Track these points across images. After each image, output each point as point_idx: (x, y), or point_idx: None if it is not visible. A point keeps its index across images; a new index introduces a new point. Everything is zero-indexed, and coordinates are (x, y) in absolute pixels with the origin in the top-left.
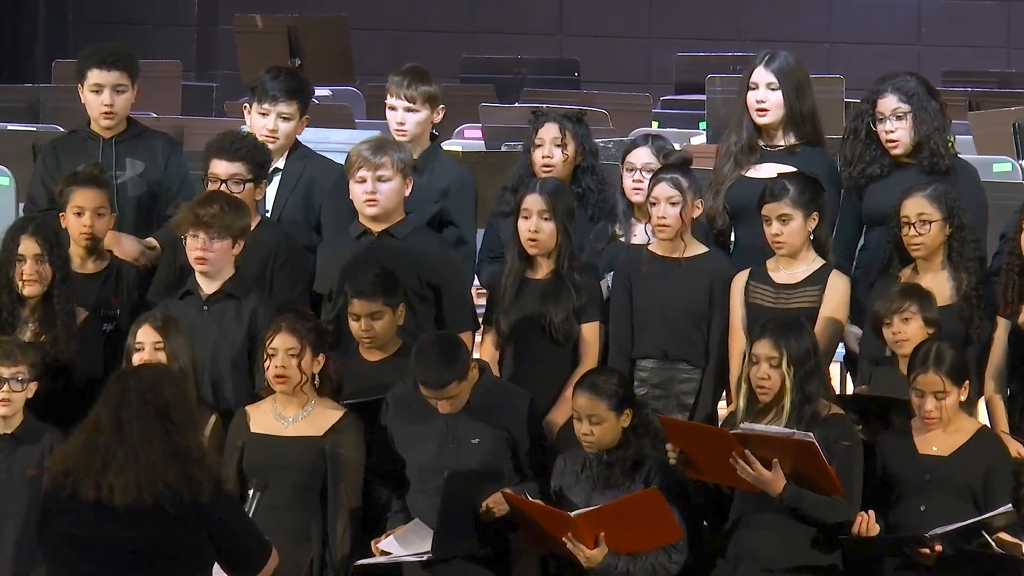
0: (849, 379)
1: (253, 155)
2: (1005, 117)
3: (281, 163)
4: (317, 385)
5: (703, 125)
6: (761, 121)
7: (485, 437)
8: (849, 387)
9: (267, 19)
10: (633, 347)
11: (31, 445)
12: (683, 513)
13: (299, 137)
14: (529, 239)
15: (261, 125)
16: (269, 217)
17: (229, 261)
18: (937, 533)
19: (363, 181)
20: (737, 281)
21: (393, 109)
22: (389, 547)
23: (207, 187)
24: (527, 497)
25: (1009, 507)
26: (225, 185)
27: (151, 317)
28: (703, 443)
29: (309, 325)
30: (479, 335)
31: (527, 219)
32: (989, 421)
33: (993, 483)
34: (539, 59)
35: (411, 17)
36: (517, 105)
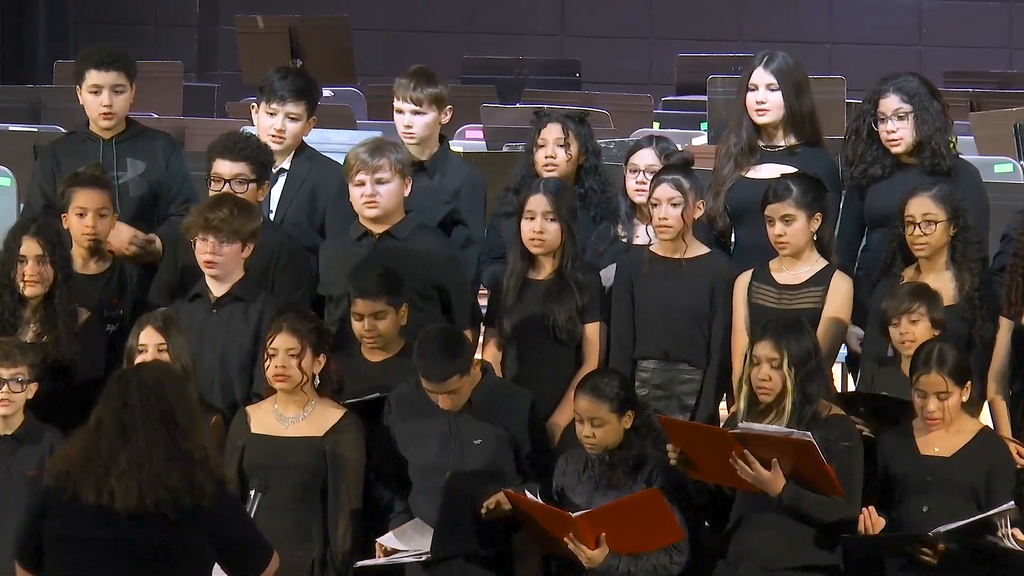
0: (851, 380)
1: (257, 155)
2: (1006, 118)
3: (287, 164)
4: (317, 385)
5: (704, 126)
6: (761, 121)
7: (487, 437)
8: (851, 388)
9: (268, 20)
10: (634, 348)
11: (31, 446)
12: (684, 514)
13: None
14: (534, 240)
15: (268, 125)
16: (272, 218)
17: (239, 264)
18: (940, 531)
19: (362, 184)
20: (740, 282)
21: (400, 112)
22: (388, 542)
23: (210, 187)
24: (529, 497)
25: (1011, 504)
26: (229, 185)
27: (152, 318)
28: (703, 443)
29: (310, 326)
30: (481, 336)
31: (531, 220)
32: (992, 423)
33: (995, 484)
34: (540, 60)
35: (412, 18)
36: (518, 106)
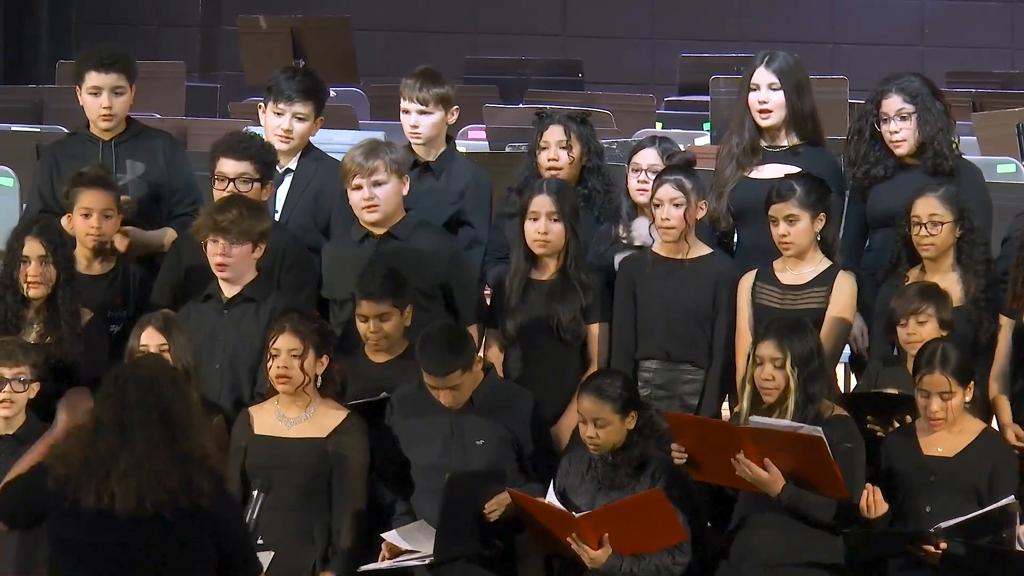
0: (853, 380)
1: (260, 155)
2: (1009, 118)
3: (293, 164)
4: (320, 386)
5: (707, 126)
6: (764, 123)
7: (489, 438)
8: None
9: (271, 20)
10: (637, 348)
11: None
12: (687, 514)
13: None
14: (538, 240)
15: (276, 125)
16: (278, 219)
17: (250, 265)
18: (941, 528)
19: (359, 188)
20: (744, 282)
21: (407, 112)
22: (392, 538)
23: (214, 186)
24: (536, 497)
25: (1012, 499)
26: (233, 184)
27: (153, 318)
28: (708, 440)
29: (313, 326)
30: (484, 335)
31: (535, 220)
32: (996, 420)
33: (998, 484)
34: (543, 60)
35: (414, 18)
36: (521, 106)
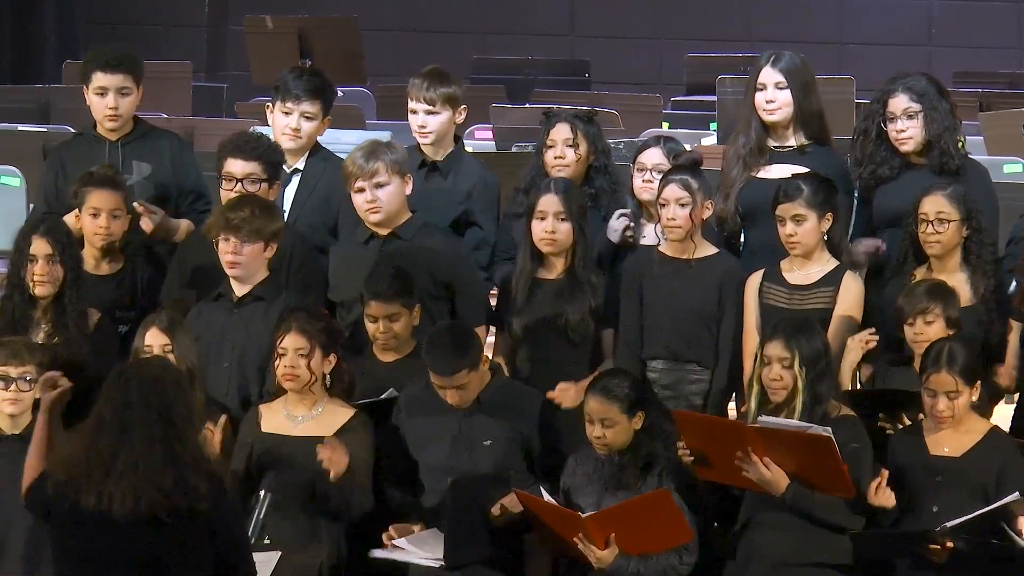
0: (860, 379)
1: (268, 155)
2: (1015, 118)
3: (301, 164)
4: (328, 385)
5: (713, 126)
6: (771, 120)
7: (497, 438)
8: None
9: (277, 20)
10: (643, 348)
11: None
12: (693, 514)
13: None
14: (545, 240)
15: (284, 124)
16: (286, 219)
17: (261, 264)
18: (947, 526)
19: (361, 191)
20: (751, 282)
21: (414, 112)
22: (402, 546)
23: (221, 186)
24: (543, 497)
25: (1016, 495)
26: (240, 184)
27: (158, 319)
28: (715, 438)
29: (320, 325)
30: (491, 335)
31: (543, 220)
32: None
33: (1005, 483)
34: (549, 60)
35: (421, 18)
36: (528, 106)
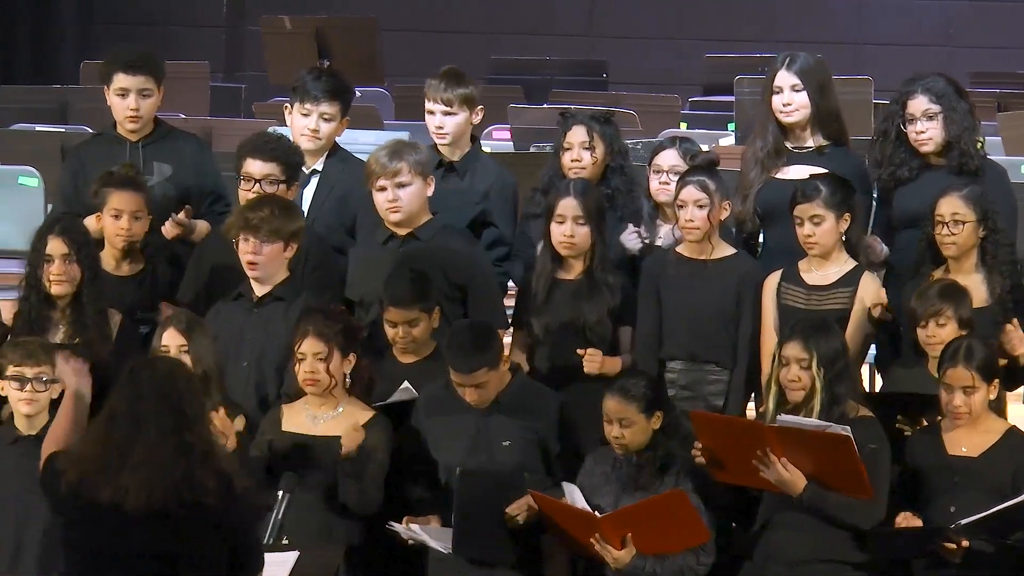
0: (879, 380)
1: (287, 156)
2: None
3: (319, 165)
4: (348, 385)
5: (731, 126)
6: (788, 122)
7: (516, 439)
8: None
9: (295, 20)
10: (661, 349)
11: None
12: (711, 514)
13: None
14: (564, 243)
15: (303, 125)
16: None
17: (281, 265)
18: (961, 524)
19: (383, 189)
20: (769, 282)
21: (431, 113)
22: (419, 532)
23: (240, 187)
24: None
25: None
26: (259, 185)
27: (175, 319)
28: (732, 439)
29: (337, 327)
30: (508, 336)
31: (561, 223)
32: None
33: (1023, 483)
34: (567, 60)
35: (439, 18)
36: (546, 106)
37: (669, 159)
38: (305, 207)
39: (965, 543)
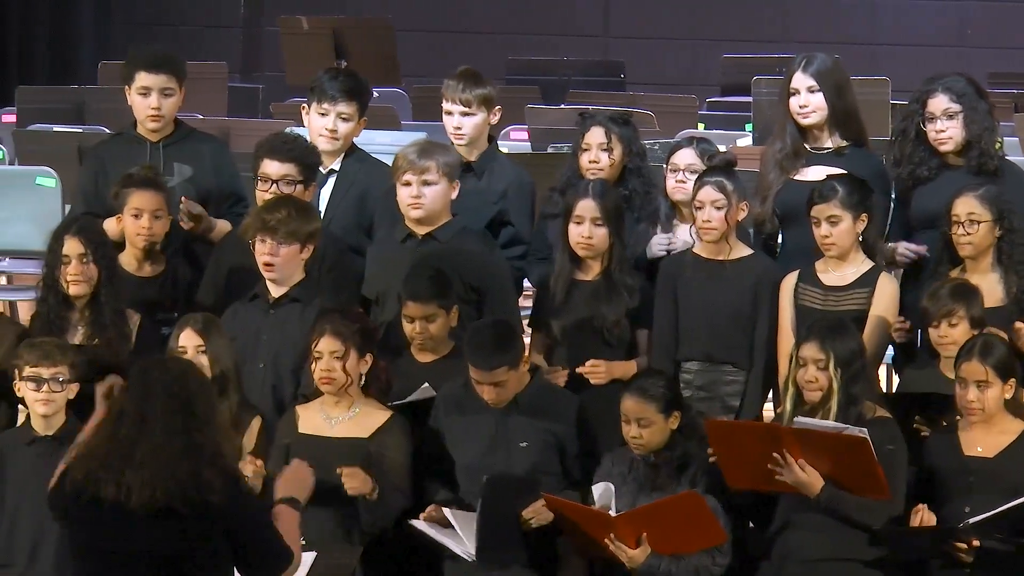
0: (896, 381)
1: (304, 157)
2: None
3: (337, 165)
4: (364, 385)
5: (749, 127)
6: (806, 123)
7: (533, 440)
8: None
9: (313, 21)
10: (678, 349)
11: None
12: (728, 515)
13: None
14: (582, 244)
15: (320, 125)
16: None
17: (298, 266)
18: (969, 523)
19: (408, 185)
20: (786, 283)
21: (449, 114)
22: (449, 516)
23: (257, 187)
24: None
25: None
26: (276, 186)
27: (192, 320)
28: (747, 444)
29: (354, 327)
30: (526, 337)
31: (579, 224)
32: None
33: None
34: (585, 61)
35: (456, 19)
36: (563, 107)
37: (686, 158)
38: (322, 207)
39: (976, 542)
